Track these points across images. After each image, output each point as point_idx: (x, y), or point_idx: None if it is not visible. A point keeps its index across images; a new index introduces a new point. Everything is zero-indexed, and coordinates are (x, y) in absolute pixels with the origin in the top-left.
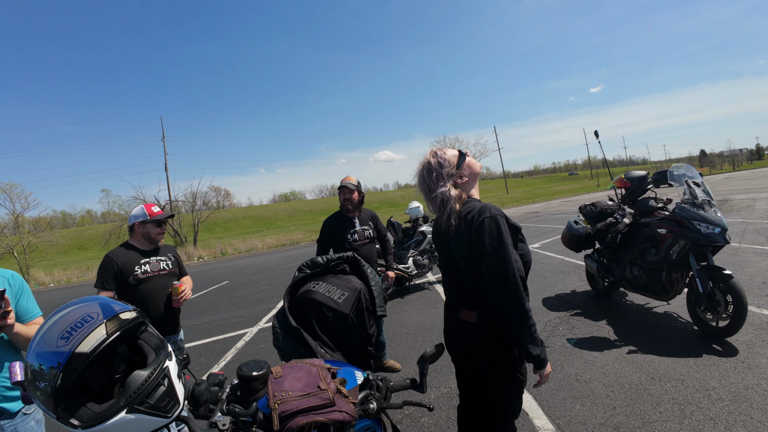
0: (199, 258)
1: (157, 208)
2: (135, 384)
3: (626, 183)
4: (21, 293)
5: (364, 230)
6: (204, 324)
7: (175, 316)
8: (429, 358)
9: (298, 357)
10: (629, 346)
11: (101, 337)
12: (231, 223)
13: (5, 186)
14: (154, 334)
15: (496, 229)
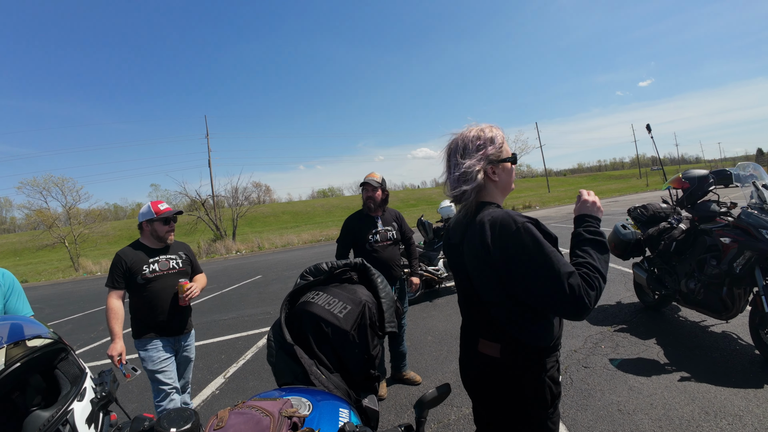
0: (237, 251)
1: (165, 205)
2: (31, 429)
3: (684, 183)
4: (11, 293)
5: (387, 231)
6: (230, 319)
7: (185, 316)
8: (428, 403)
9: (291, 375)
10: (681, 371)
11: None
12: (270, 217)
13: (57, 180)
14: (75, 363)
15: (530, 240)
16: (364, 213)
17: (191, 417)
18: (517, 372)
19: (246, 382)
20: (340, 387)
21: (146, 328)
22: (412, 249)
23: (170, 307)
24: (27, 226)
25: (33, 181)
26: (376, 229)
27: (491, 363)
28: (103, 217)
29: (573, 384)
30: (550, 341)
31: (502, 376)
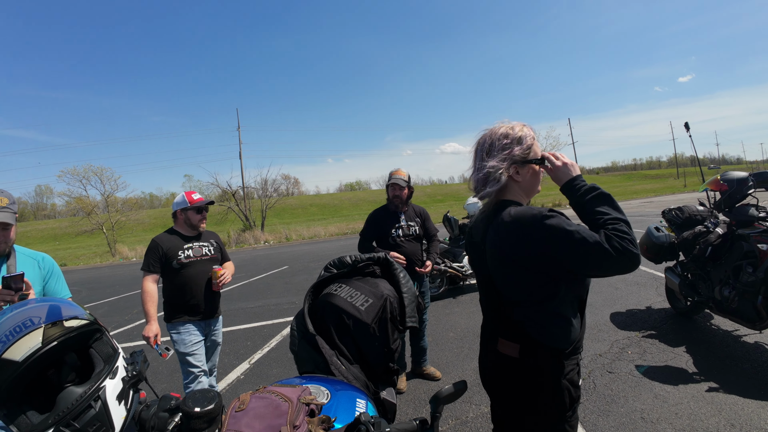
0: (265, 242)
1: (198, 195)
2: (64, 404)
3: (722, 185)
4: (50, 276)
5: (409, 226)
6: (256, 308)
7: (215, 301)
8: (444, 399)
9: (312, 365)
10: (710, 381)
11: (35, 345)
12: (299, 209)
13: (96, 169)
14: (108, 343)
15: (556, 222)
16: (388, 208)
17: (215, 398)
18: (536, 373)
19: (269, 368)
20: (360, 378)
21: (179, 312)
22: (433, 243)
23: (203, 292)
24: (67, 213)
25: (73, 170)
26: (398, 224)
27: (510, 363)
28: (139, 206)
29: (596, 389)
30: (570, 344)
31: (520, 376)
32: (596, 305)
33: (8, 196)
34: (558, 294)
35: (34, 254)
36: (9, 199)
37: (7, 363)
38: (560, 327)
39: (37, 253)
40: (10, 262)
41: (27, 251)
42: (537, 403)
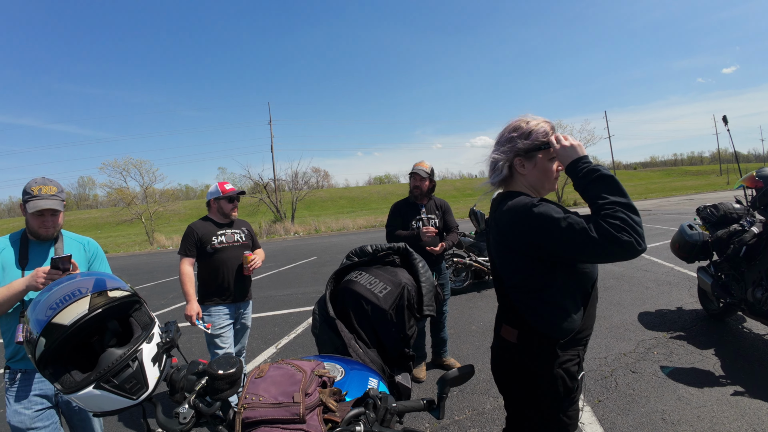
0: (294, 233)
1: (230, 185)
2: (105, 363)
3: (758, 182)
4: (95, 258)
5: (429, 218)
6: (285, 296)
7: (246, 285)
8: (451, 381)
9: (332, 347)
10: (735, 385)
11: (82, 311)
12: (328, 202)
13: (136, 162)
14: (146, 313)
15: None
16: (409, 200)
17: (236, 363)
18: (529, 359)
19: (296, 353)
20: (376, 362)
21: (211, 294)
22: (450, 235)
23: (234, 276)
24: (108, 203)
25: (114, 162)
26: (419, 216)
27: (509, 348)
28: (175, 197)
29: (617, 388)
30: (565, 334)
31: (516, 361)
32: (624, 304)
33: (56, 184)
34: (554, 283)
35: (80, 238)
36: (57, 187)
37: (57, 327)
38: (555, 316)
39: (83, 238)
40: (58, 245)
41: (74, 236)
42: (530, 388)
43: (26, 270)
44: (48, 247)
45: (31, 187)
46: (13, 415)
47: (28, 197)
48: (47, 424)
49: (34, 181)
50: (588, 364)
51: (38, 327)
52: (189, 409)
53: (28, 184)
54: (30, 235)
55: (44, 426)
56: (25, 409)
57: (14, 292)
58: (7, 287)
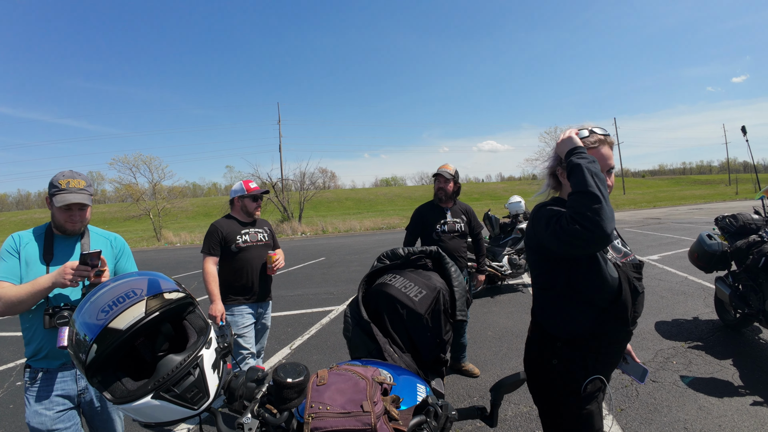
0: (302, 233)
1: (254, 184)
2: (164, 370)
3: None
4: (121, 254)
5: (455, 222)
6: (296, 296)
7: (268, 285)
8: (506, 388)
9: (365, 351)
10: (755, 395)
11: (139, 315)
12: (335, 203)
13: (146, 158)
14: (200, 316)
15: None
16: (434, 203)
17: (303, 371)
18: (536, 352)
19: (310, 354)
20: (411, 367)
21: (234, 293)
22: (480, 245)
23: (258, 275)
24: (116, 199)
25: (124, 158)
26: (444, 219)
27: (527, 341)
28: (183, 194)
29: (639, 397)
30: (565, 334)
31: (528, 354)
32: (640, 312)
33: (85, 178)
34: (558, 282)
35: (106, 234)
36: (86, 182)
37: (112, 331)
38: (557, 315)
39: (109, 233)
40: (84, 240)
41: (100, 231)
42: (548, 383)
43: (51, 265)
44: (74, 242)
45: (58, 180)
46: (33, 416)
47: (55, 190)
48: (69, 426)
49: (62, 174)
50: None
51: (91, 332)
52: (253, 420)
53: (55, 176)
54: (55, 230)
55: (66, 427)
56: (47, 410)
57: (39, 289)
58: (31, 283)
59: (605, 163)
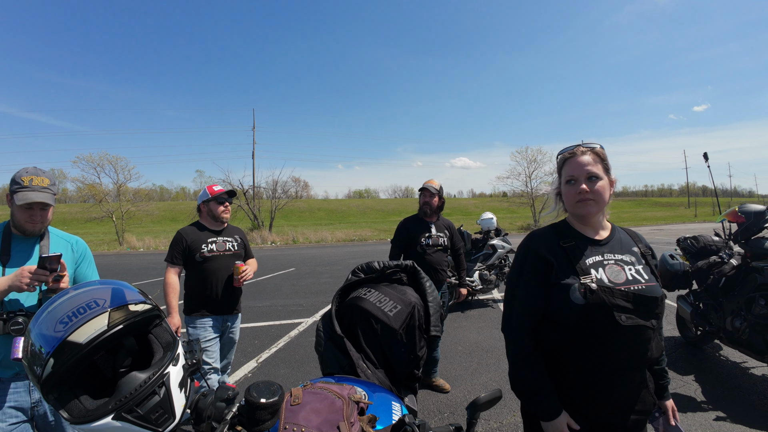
0: (272, 242)
1: (219, 186)
2: (127, 388)
3: (739, 217)
4: (82, 259)
5: (438, 237)
6: (264, 307)
7: (235, 297)
8: (482, 406)
9: (337, 366)
10: (717, 411)
11: (101, 328)
12: (306, 213)
13: (112, 158)
14: (167, 330)
15: (516, 260)
16: (419, 217)
17: (278, 390)
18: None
19: (277, 368)
20: (384, 383)
21: (199, 305)
22: (461, 260)
23: (224, 287)
24: (78, 199)
25: (89, 156)
26: (429, 233)
27: None
28: (149, 197)
29: None
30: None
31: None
32: None
33: (50, 176)
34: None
35: (67, 237)
36: (51, 180)
37: (71, 345)
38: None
39: (71, 236)
40: (44, 242)
41: (61, 233)
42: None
43: (7, 267)
44: (33, 243)
45: (21, 176)
46: None
47: (17, 187)
48: None
49: (26, 171)
50: None
51: (48, 344)
52: None
53: (18, 173)
54: (14, 229)
55: None
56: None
57: None
58: None
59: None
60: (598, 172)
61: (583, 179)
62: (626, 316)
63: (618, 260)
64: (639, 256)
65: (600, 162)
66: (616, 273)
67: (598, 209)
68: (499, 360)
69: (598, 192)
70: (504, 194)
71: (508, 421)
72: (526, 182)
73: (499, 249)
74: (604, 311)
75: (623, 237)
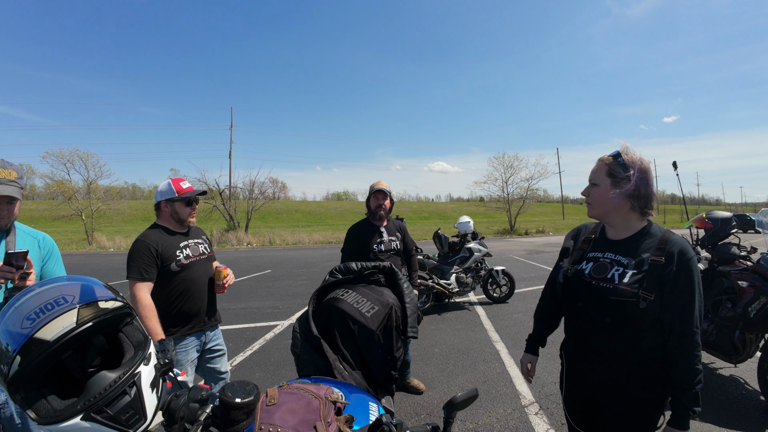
0: (248, 244)
1: (187, 183)
2: (96, 388)
3: (707, 223)
4: (49, 257)
5: (391, 241)
6: (239, 309)
7: (215, 305)
8: (459, 405)
9: (314, 368)
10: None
11: (69, 325)
12: (284, 214)
13: (82, 154)
14: (138, 328)
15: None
16: (369, 221)
17: (253, 390)
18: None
19: (252, 372)
20: (361, 384)
21: (174, 324)
22: (413, 261)
23: (206, 296)
24: (46, 195)
25: (58, 152)
26: (381, 238)
27: None
28: (121, 195)
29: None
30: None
31: None
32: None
33: (17, 170)
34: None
35: (35, 233)
36: (18, 173)
37: (38, 342)
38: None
39: (38, 232)
40: (10, 238)
41: (28, 229)
42: None
43: None
44: None
45: None
46: None
47: None
48: None
49: None
50: (548, 388)
51: (14, 341)
52: None
53: None
54: None
55: None
56: None
57: None
58: None
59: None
60: (597, 179)
61: (588, 186)
62: (583, 303)
63: (613, 260)
64: (642, 262)
65: (606, 169)
66: (601, 269)
67: (598, 212)
68: (475, 362)
69: (594, 197)
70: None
71: (484, 422)
72: (502, 188)
73: (476, 252)
74: (569, 293)
75: (646, 243)
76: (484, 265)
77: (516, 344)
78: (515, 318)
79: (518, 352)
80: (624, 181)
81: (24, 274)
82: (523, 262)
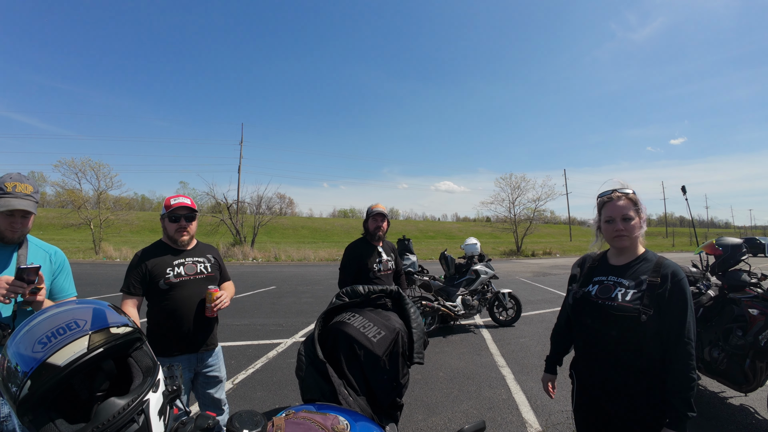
0: (253, 259)
1: (179, 199)
2: (105, 415)
3: (717, 250)
4: (60, 271)
5: (387, 261)
6: (242, 326)
7: (210, 329)
8: None
9: (318, 392)
10: None
11: (80, 351)
12: (290, 230)
13: (94, 164)
14: (148, 354)
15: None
16: (367, 241)
17: (261, 421)
18: None
19: (254, 391)
20: (366, 411)
21: (165, 344)
22: (401, 281)
23: (194, 318)
24: (56, 203)
25: (71, 161)
26: (380, 258)
27: None
28: (130, 206)
29: None
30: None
31: None
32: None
33: (33, 184)
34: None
35: (47, 247)
36: (34, 187)
37: (49, 367)
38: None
39: (50, 246)
40: (22, 251)
41: (40, 243)
42: None
43: None
44: (10, 252)
45: (5, 182)
46: None
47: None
48: None
49: (9, 177)
50: (555, 417)
51: (26, 365)
52: None
53: (1, 178)
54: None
55: None
56: None
57: None
58: None
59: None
60: (631, 214)
61: (619, 220)
62: (591, 320)
63: (615, 282)
64: (641, 283)
65: (633, 205)
66: (605, 290)
67: (630, 242)
68: (480, 387)
69: (630, 229)
70: (488, 219)
71: None
72: (509, 208)
73: (482, 275)
74: (578, 312)
75: (643, 267)
76: (491, 288)
77: (522, 369)
78: (522, 342)
79: (524, 378)
80: (642, 212)
81: (35, 289)
82: (529, 284)
